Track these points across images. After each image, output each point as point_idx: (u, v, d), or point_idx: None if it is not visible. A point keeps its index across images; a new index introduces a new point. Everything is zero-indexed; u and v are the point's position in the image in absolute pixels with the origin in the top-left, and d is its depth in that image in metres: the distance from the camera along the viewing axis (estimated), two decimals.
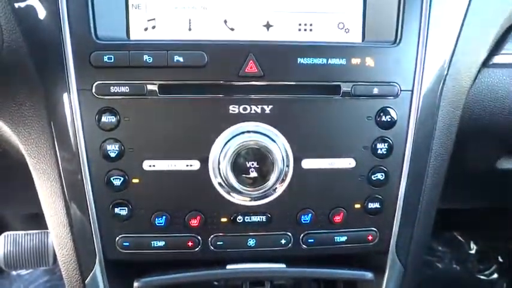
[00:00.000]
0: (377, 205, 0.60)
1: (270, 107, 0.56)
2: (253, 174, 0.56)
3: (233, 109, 0.56)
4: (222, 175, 0.56)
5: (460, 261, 1.34)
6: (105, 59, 0.52)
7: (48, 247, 0.79)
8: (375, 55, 0.55)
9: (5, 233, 0.79)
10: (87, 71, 0.53)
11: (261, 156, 0.56)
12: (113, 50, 0.53)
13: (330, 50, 0.55)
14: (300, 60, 0.55)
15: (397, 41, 0.56)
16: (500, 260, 1.32)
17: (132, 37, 0.56)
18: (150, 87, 0.54)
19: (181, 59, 0.53)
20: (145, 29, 0.56)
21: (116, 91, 0.53)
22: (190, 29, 0.57)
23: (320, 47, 0.55)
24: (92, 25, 0.52)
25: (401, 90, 0.57)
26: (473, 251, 1.36)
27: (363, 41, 0.59)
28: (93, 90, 0.54)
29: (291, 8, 0.58)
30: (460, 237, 1.37)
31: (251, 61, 0.54)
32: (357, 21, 0.58)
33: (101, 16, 0.53)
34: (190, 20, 0.57)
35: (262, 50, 0.55)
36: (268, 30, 0.58)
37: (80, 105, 0.54)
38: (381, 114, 0.57)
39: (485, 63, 0.63)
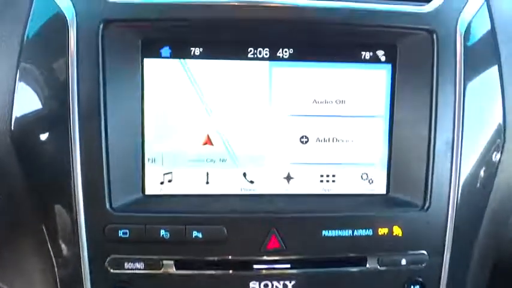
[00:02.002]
0: None
1: (293, 282, 0.52)
2: None
3: (253, 285, 0.52)
4: None
5: None
6: (120, 233, 0.50)
7: None
8: (403, 223, 0.52)
9: None
10: (100, 244, 0.50)
11: None
12: (128, 223, 0.50)
13: (355, 221, 0.52)
14: (325, 232, 0.52)
15: (426, 205, 0.53)
16: None
17: (147, 191, 0.54)
18: (166, 262, 0.51)
19: (200, 235, 0.50)
20: (161, 183, 0.54)
21: (130, 267, 0.50)
22: (208, 183, 0.55)
23: (345, 217, 0.52)
24: (106, 192, 0.50)
25: (430, 258, 0.53)
26: None
27: (387, 193, 0.56)
28: (106, 264, 0.50)
29: (312, 160, 0.56)
30: None
31: (273, 236, 0.51)
32: (381, 173, 0.56)
33: (117, 176, 0.51)
34: (208, 173, 0.55)
35: (285, 224, 0.52)
36: (288, 182, 0.56)
37: (92, 280, 0.51)
38: (409, 283, 0.53)
39: None
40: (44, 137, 0.50)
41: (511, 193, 0.57)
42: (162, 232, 0.50)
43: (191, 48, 0.52)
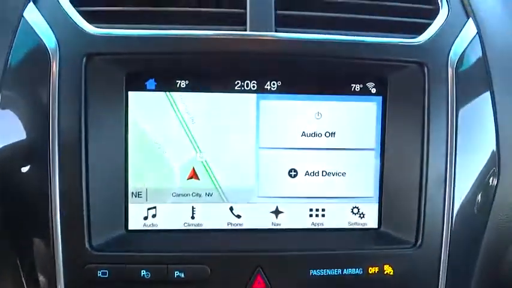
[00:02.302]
0: None
1: None
2: None
3: None
4: None
5: None
6: (100, 273, 0.48)
7: None
8: (394, 262, 0.50)
9: None
10: (78, 284, 0.48)
11: None
12: (108, 263, 0.48)
13: (345, 259, 0.50)
14: (313, 272, 0.50)
15: (418, 242, 0.51)
16: None
17: (130, 227, 0.52)
18: None
19: (182, 275, 0.48)
20: (145, 218, 0.52)
21: None
22: (193, 217, 0.53)
23: (335, 255, 0.51)
24: (86, 230, 0.48)
25: None
26: None
27: (379, 227, 0.55)
28: None
29: (301, 193, 0.54)
30: None
31: (258, 275, 0.49)
32: (373, 207, 0.55)
33: (98, 212, 0.49)
34: (193, 208, 0.53)
35: (271, 262, 0.50)
36: (277, 217, 0.54)
37: None
38: None
39: None
40: (22, 170, 0.48)
41: (509, 223, 0.56)
42: (143, 272, 0.48)
43: (177, 81, 0.51)
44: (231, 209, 0.53)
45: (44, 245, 0.48)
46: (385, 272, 0.50)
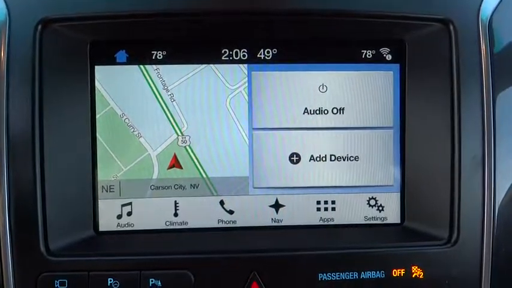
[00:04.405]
0: None
1: None
2: None
3: None
4: None
5: None
6: (57, 284, 0.40)
7: None
8: (423, 262, 0.42)
9: None
10: None
11: None
12: (67, 271, 0.40)
13: (362, 260, 0.42)
14: (322, 276, 0.41)
15: (453, 237, 0.42)
16: None
17: (101, 227, 0.44)
18: None
19: (158, 283, 0.40)
20: (119, 216, 0.45)
21: None
22: (176, 214, 0.45)
23: (349, 256, 0.42)
24: (41, 231, 0.40)
25: None
26: None
27: (402, 222, 0.46)
28: None
29: (306, 183, 0.46)
30: None
31: (254, 283, 0.41)
32: (394, 197, 0.47)
33: (59, 210, 0.41)
34: (176, 203, 0.45)
35: (270, 266, 0.41)
36: (277, 211, 0.46)
37: None
38: None
39: None
40: None
41: None
42: (110, 281, 0.40)
43: (152, 52, 0.45)
44: (222, 203, 0.46)
45: None
46: (414, 275, 0.42)
